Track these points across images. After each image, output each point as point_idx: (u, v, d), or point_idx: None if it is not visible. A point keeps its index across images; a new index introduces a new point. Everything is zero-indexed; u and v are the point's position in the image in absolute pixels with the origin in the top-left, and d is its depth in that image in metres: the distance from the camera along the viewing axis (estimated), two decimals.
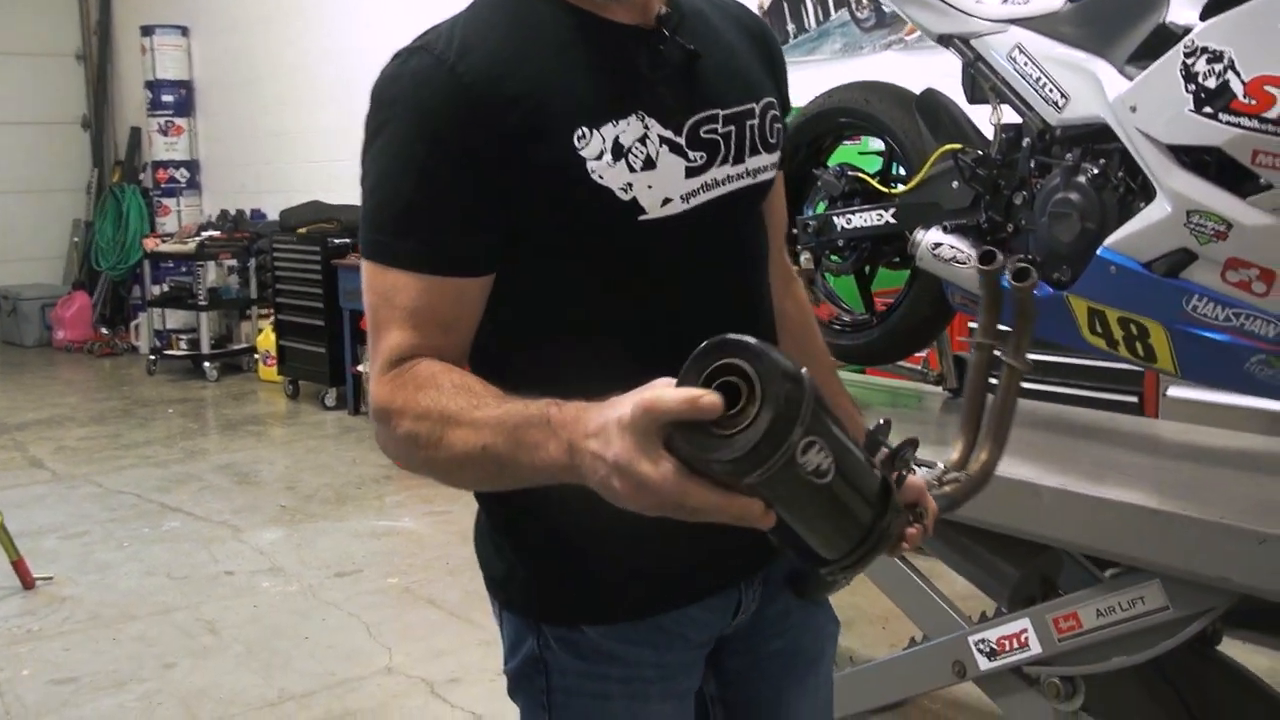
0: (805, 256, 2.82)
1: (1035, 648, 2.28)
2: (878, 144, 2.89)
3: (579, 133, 1.17)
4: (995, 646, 2.35)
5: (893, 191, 2.68)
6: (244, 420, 7.30)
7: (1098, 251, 2.16)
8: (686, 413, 0.89)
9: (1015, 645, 2.31)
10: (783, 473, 0.89)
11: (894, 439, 1.11)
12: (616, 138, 1.19)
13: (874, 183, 2.74)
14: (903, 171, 2.77)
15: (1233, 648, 2.46)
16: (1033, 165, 2.35)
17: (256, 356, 8.49)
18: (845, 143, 3.02)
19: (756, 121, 1.32)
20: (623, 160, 1.19)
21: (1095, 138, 2.22)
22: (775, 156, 1.37)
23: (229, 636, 3.88)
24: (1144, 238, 2.09)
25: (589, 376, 1.03)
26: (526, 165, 1.16)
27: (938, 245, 2.47)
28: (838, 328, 2.88)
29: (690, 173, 1.24)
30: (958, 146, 2.48)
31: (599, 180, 1.18)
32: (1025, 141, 2.36)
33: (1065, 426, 2.67)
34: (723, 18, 1.38)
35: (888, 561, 2.64)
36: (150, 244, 9.19)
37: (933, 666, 2.48)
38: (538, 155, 1.16)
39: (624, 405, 0.94)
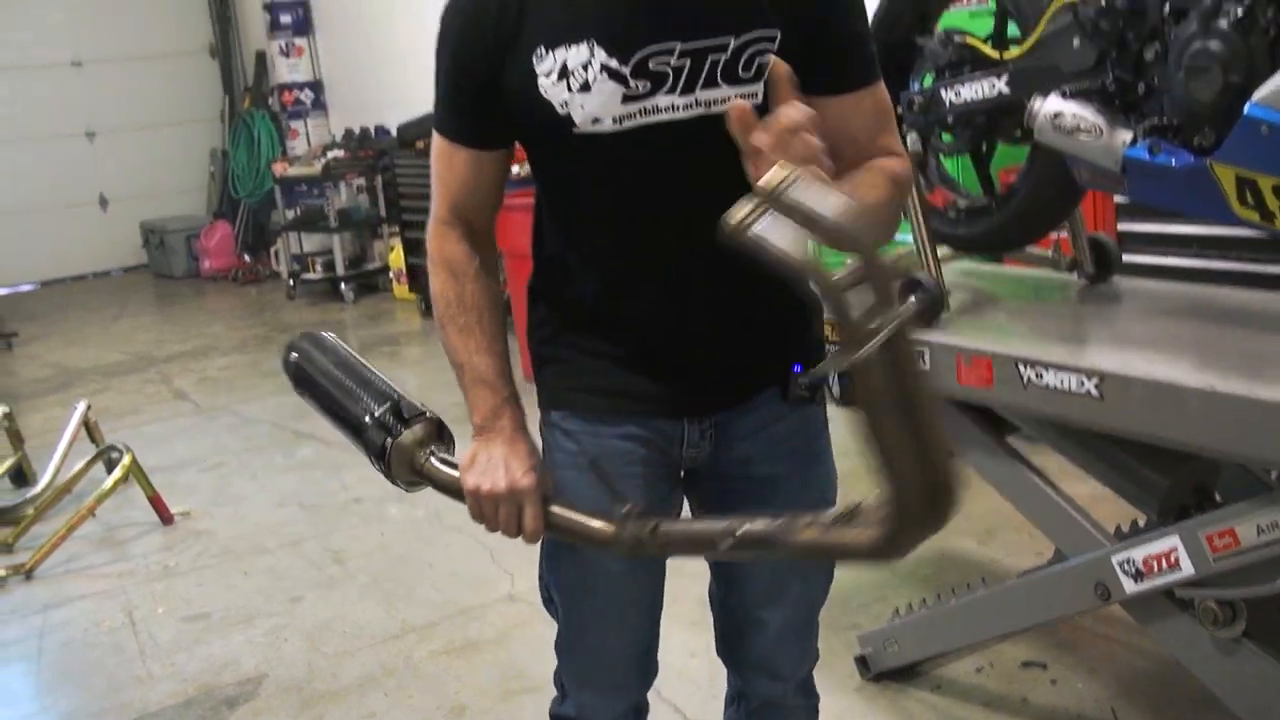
0: (912, 137, 2.53)
1: (1187, 568, 2.02)
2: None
3: (538, 52, 1.44)
4: (1141, 567, 2.10)
5: (1006, 56, 2.36)
6: (379, 341, 7.32)
7: (1245, 109, 1.83)
8: None
9: (1164, 566, 2.06)
10: None
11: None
12: (565, 61, 1.42)
13: (985, 47, 2.41)
14: (1018, 32, 2.44)
15: None
16: (1165, 11, 2.00)
17: (391, 275, 8.49)
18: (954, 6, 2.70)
19: (726, 56, 1.41)
20: (564, 80, 1.43)
21: None
22: (749, 88, 1.41)
23: (355, 567, 3.86)
24: None
25: (577, 242, 1.58)
26: (503, 73, 1.47)
27: (1058, 114, 2.15)
28: (953, 215, 2.59)
29: (627, 99, 1.42)
30: None
31: (544, 94, 1.44)
32: None
33: (1211, 312, 2.35)
34: None
35: (1015, 473, 2.39)
36: (279, 168, 9.25)
37: (1073, 589, 2.24)
38: (510, 66, 1.46)
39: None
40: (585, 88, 1.40)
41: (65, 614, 3.73)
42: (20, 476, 5.02)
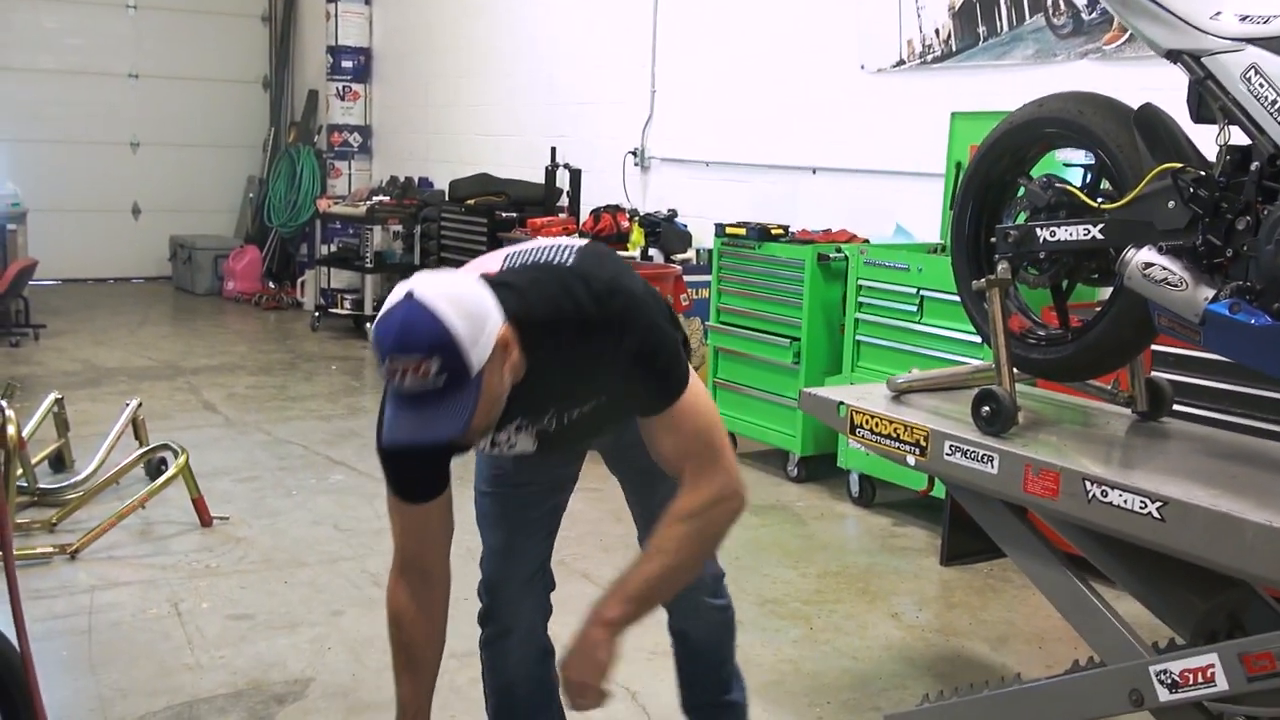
0: (1002, 266, 2.78)
1: (1222, 684, 2.22)
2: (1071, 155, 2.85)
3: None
4: (1178, 679, 2.30)
5: (1102, 206, 2.63)
6: None
7: None
8: None
9: (1200, 679, 2.26)
10: None
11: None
12: (493, 438, 2.20)
13: (1083, 196, 2.68)
14: (1107, 187, 2.71)
15: None
16: (1260, 189, 2.28)
17: None
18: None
19: (573, 415, 2.21)
20: (496, 446, 2.26)
21: None
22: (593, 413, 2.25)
23: None
24: None
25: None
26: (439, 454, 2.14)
27: (1149, 265, 2.41)
28: (1031, 341, 2.84)
29: (539, 433, 2.24)
30: (1178, 165, 2.42)
31: (482, 450, 2.33)
32: (1254, 165, 2.29)
33: (1262, 460, 2.60)
34: (586, 354, 2.05)
35: (1064, 580, 2.61)
36: (323, 205, 9.52)
37: (1108, 692, 2.45)
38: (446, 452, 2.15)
39: None
40: (511, 445, 2.24)
41: (112, 597, 3.88)
42: (59, 462, 5.18)
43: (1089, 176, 2.77)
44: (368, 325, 8.80)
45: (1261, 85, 2.25)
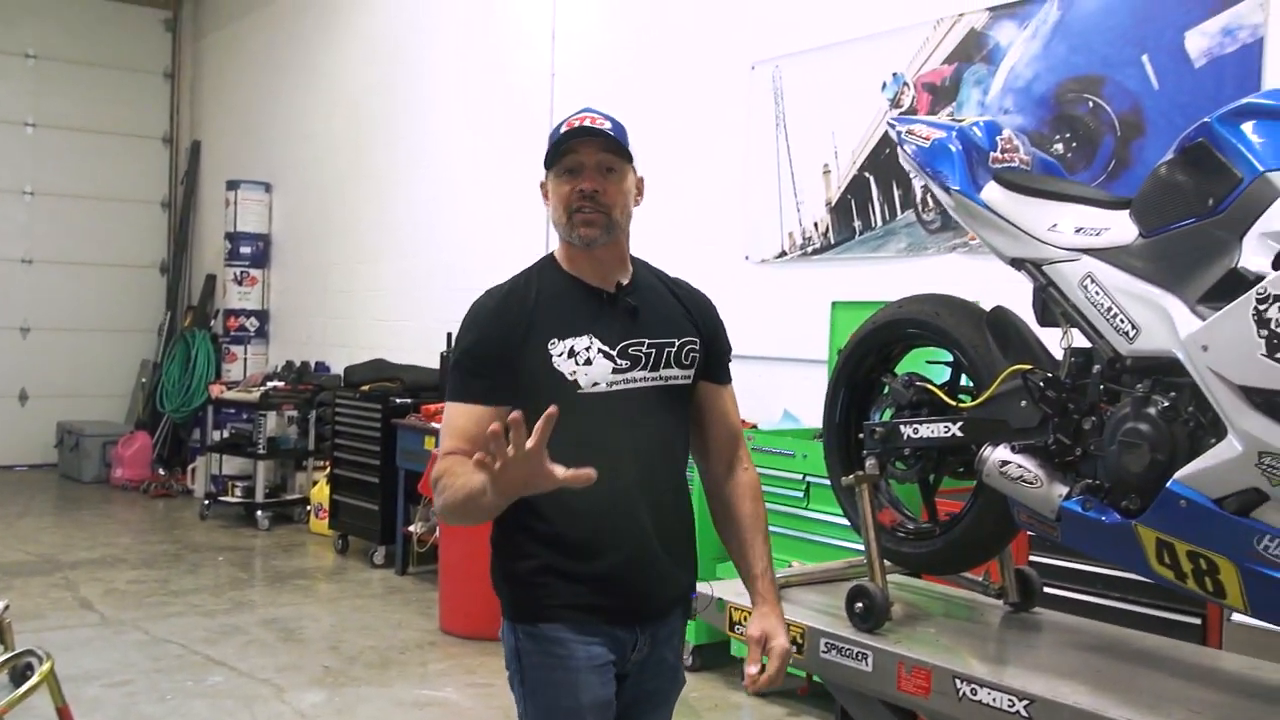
0: (870, 462, 2.84)
1: None
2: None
3: (551, 341, 2.21)
4: None
5: (960, 405, 2.72)
6: (292, 573, 7.32)
7: (1168, 484, 2.16)
8: None
9: None
10: None
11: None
12: (571, 345, 2.22)
13: (942, 394, 2.78)
14: (969, 383, 2.81)
15: None
16: (1102, 391, 2.38)
17: (309, 508, 8.56)
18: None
19: (674, 349, 2.32)
20: (572, 359, 2.21)
21: (1166, 370, 2.24)
22: (687, 371, 2.35)
23: None
24: (1215, 474, 2.10)
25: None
26: (521, 352, 2.21)
27: (1005, 463, 2.49)
28: (901, 535, 2.89)
29: (615, 371, 2.24)
30: (1027, 366, 2.52)
31: (557, 367, 2.20)
32: (1095, 368, 2.39)
33: (1127, 652, 2.63)
34: (671, 294, 2.39)
35: None
36: (216, 390, 9.40)
37: None
38: (528, 348, 2.21)
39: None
40: (588, 363, 2.21)
41: None
42: None
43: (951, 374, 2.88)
44: (258, 513, 8.61)
45: (1097, 293, 2.37)
